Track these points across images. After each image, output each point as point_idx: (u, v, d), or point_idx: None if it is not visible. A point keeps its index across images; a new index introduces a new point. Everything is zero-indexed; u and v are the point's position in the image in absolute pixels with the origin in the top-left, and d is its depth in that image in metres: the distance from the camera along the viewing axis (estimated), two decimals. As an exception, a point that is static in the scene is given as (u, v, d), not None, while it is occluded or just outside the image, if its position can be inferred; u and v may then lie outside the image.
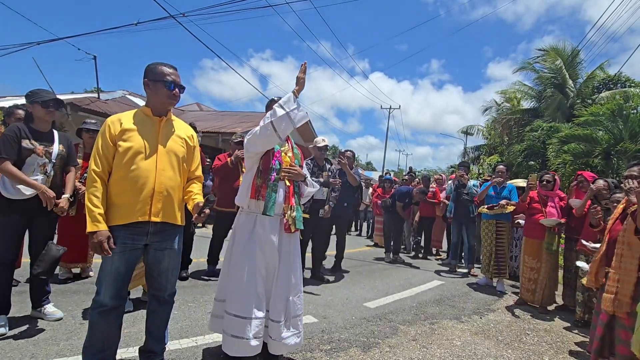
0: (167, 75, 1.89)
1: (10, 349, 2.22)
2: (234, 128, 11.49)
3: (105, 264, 1.83)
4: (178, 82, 1.92)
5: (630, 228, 2.41)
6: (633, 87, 12.56)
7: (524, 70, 15.94)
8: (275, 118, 2.15)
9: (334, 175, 4.64)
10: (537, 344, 3.11)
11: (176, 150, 1.96)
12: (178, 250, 2.03)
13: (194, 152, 2.10)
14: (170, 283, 2.04)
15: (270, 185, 2.24)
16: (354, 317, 3.37)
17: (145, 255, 1.95)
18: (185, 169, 2.04)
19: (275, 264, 2.26)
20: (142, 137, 1.86)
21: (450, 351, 2.78)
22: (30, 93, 2.61)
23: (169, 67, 1.93)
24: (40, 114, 2.60)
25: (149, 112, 1.93)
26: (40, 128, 2.63)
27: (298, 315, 2.34)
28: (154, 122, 1.94)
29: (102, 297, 1.82)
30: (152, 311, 2.05)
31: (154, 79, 1.88)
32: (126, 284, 1.90)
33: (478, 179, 7.50)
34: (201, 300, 3.40)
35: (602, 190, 3.56)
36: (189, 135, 2.07)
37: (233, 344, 2.14)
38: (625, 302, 2.36)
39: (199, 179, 2.14)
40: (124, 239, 1.81)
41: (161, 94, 1.90)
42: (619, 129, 8.63)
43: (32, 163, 2.54)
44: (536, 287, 4.11)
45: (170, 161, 1.92)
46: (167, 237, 1.95)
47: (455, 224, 6.02)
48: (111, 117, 1.92)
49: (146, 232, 1.86)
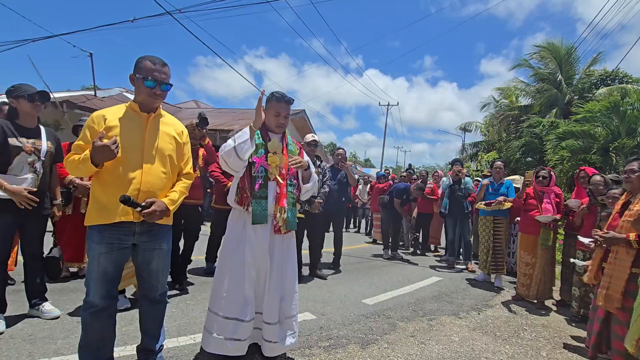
0: (150, 72, 1.79)
1: (7, 347, 2.21)
2: (232, 125, 11.46)
3: (92, 264, 1.79)
4: (161, 79, 1.81)
5: (627, 226, 2.43)
6: (630, 84, 12.58)
7: (521, 67, 15.96)
8: (236, 144, 2.11)
9: (323, 172, 4.64)
10: (534, 339, 3.13)
11: (164, 148, 1.88)
12: (167, 250, 1.99)
13: (184, 149, 2.02)
14: (161, 283, 2.01)
15: (257, 193, 2.16)
16: (352, 313, 3.37)
17: (134, 256, 1.90)
18: (176, 167, 1.97)
19: (266, 265, 2.21)
20: (128, 135, 1.78)
21: (449, 347, 2.79)
22: (12, 88, 2.53)
23: (155, 62, 1.81)
24: (26, 109, 2.53)
25: (137, 107, 1.85)
26: (26, 124, 2.56)
27: (292, 315, 2.31)
28: (142, 118, 1.85)
29: (92, 298, 1.79)
30: (144, 311, 2.03)
31: (138, 73, 1.80)
32: (116, 284, 1.86)
33: (471, 176, 7.50)
34: (199, 298, 3.39)
35: (599, 185, 3.58)
36: (179, 131, 2.00)
37: (208, 340, 2.16)
38: (616, 297, 2.38)
39: (188, 176, 2.05)
40: (110, 238, 1.76)
41: (142, 91, 1.81)
42: (616, 125, 8.65)
43: (21, 161, 2.47)
44: (531, 282, 4.14)
45: (157, 159, 1.84)
46: (155, 237, 1.89)
47: (449, 220, 6.04)
48: (96, 112, 1.84)
49: (133, 232, 1.81)
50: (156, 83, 1.80)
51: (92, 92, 11.40)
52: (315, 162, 4.50)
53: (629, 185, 2.62)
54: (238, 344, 2.12)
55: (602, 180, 3.59)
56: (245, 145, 2.11)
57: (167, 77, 1.86)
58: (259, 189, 2.17)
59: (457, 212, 5.85)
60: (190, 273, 4.19)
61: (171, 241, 2.05)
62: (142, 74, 1.79)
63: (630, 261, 2.36)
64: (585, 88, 13.72)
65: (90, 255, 1.81)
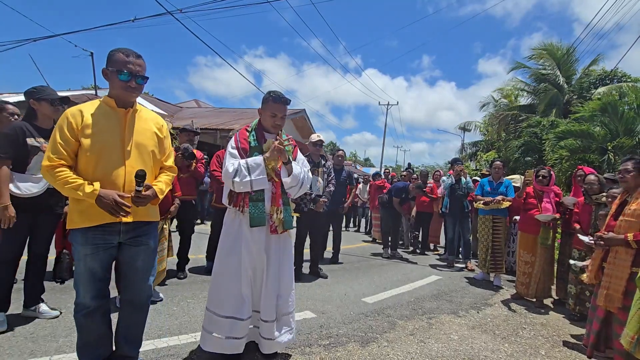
0: (123, 65, 1.68)
1: (9, 345, 2.22)
2: (232, 125, 11.46)
3: (78, 266, 1.75)
4: (136, 71, 1.71)
5: (625, 225, 2.44)
6: (629, 83, 12.60)
7: (520, 68, 15.98)
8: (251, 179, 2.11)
9: (328, 172, 4.64)
10: (533, 338, 3.15)
11: (146, 144, 1.81)
12: (154, 248, 1.95)
13: (164, 144, 1.95)
14: (147, 285, 1.95)
15: (253, 197, 2.16)
16: (352, 312, 3.39)
17: (119, 254, 1.83)
18: (158, 162, 1.91)
19: (263, 264, 2.22)
20: (106, 133, 1.71)
21: (448, 345, 2.81)
22: (35, 90, 2.56)
23: (129, 55, 1.71)
24: (47, 112, 2.58)
25: (113, 103, 1.76)
26: (44, 125, 2.61)
27: (289, 312, 2.33)
28: (119, 114, 1.76)
29: (83, 299, 1.75)
30: (126, 317, 1.94)
31: (111, 66, 1.70)
32: (106, 284, 1.82)
33: (470, 175, 7.55)
34: (200, 297, 3.40)
35: (593, 185, 3.60)
36: (159, 126, 1.93)
37: (206, 339, 2.17)
38: (617, 297, 2.39)
39: (171, 170, 2.01)
40: (94, 239, 1.71)
41: (116, 85, 1.72)
42: (615, 125, 8.67)
43: (39, 161, 2.47)
44: (530, 280, 4.16)
45: (139, 157, 1.78)
46: (142, 234, 1.85)
47: (449, 219, 6.06)
48: (71, 108, 1.74)
49: (118, 231, 1.76)
50: (131, 76, 1.71)
51: (93, 91, 11.38)
52: (321, 162, 4.52)
53: (624, 185, 2.65)
54: (235, 342, 2.14)
55: (597, 179, 3.63)
56: (262, 181, 2.12)
57: (142, 69, 1.76)
58: (256, 192, 2.17)
59: (457, 211, 5.88)
60: (191, 272, 4.21)
61: (157, 239, 2.02)
62: (115, 67, 1.69)
63: (630, 260, 2.37)
64: (584, 88, 13.75)
65: (75, 257, 1.77)
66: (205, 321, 2.22)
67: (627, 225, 2.42)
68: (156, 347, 2.35)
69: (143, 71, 1.77)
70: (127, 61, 1.70)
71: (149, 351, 2.28)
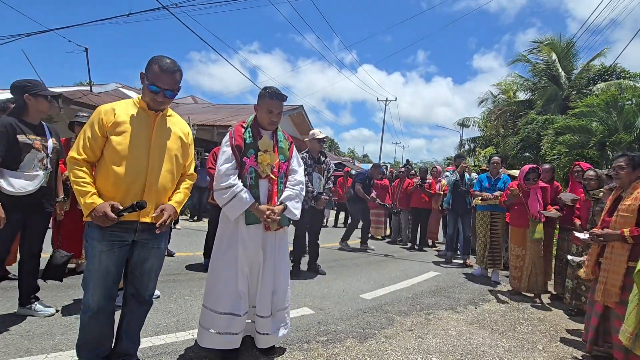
0: (155, 79, 1.75)
1: (4, 344, 2.21)
2: (229, 121, 11.41)
3: (92, 263, 1.75)
4: (164, 87, 1.77)
5: (620, 221, 2.45)
6: (628, 79, 12.60)
7: (519, 62, 15.95)
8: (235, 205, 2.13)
9: (328, 169, 4.63)
10: (531, 333, 3.16)
11: (170, 148, 1.87)
12: (164, 249, 2.00)
13: (189, 150, 2.01)
14: (153, 283, 1.98)
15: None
16: (350, 308, 3.38)
17: (130, 253, 1.85)
18: (180, 167, 1.96)
19: (259, 261, 2.22)
20: (135, 132, 1.76)
21: (446, 341, 2.81)
22: (30, 84, 2.48)
23: (163, 69, 1.76)
24: (43, 108, 2.53)
25: (145, 105, 1.83)
26: (33, 121, 2.54)
27: (285, 307, 2.34)
28: (149, 116, 1.83)
29: (91, 299, 1.75)
30: (129, 312, 1.95)
31: (146, 75, 1.78)
32: (117, 283, 1.83)
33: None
34: (198, 294, 3.39)
35: (591, 180, 3.61)
36: (185, 132, 1.99)
37: (203, 335, 2.17)
38: (614, 292, 2.40)
39: (191, 177, 2.06)
40: (111, 235, 1.73)
41: (147, 94, 1.80)
42: (614, 120, 8.67)
43: (32, 159, 2.45)
44: (522, 274, 4.19)
45: (163, 159, 1.83)
46: (156, 236, 1.87)
47: (451, 215, 6.06)
48: (104, 106, 1.80)
49: (134, 229, 1.79)
50: (160, 89, 1.77)
51: (88, 87, 11.30)
52: (320, 158, 4.49)
53: (618, 182, 2.66)
54: (232, 337, 2.14)
55: (595, 175, 3.62)
56: (234, 211, 2.13)
57: (175, 83, 1.81)
58: (250, 190, 2.17)
59: (460, 207, 5.87)
60: (188, 269, 4.20)
61: (167, 241, 2.04)
62: (148, 78, 1.77)
63: (627, 255, 2.39)
64: (583, 83, 13.74)
65: (89, 254, 1.77)
66: (202, 318, 2.22)
67: (622, 221, 2.45)
68: (153, 345, 2.34)
69: (175, 85, 1.83)
70: (159, 77, 1.76)
71: (146, 348, 2.26)
